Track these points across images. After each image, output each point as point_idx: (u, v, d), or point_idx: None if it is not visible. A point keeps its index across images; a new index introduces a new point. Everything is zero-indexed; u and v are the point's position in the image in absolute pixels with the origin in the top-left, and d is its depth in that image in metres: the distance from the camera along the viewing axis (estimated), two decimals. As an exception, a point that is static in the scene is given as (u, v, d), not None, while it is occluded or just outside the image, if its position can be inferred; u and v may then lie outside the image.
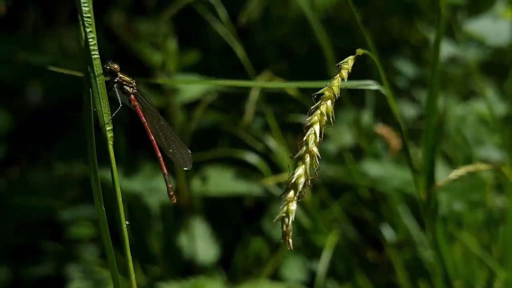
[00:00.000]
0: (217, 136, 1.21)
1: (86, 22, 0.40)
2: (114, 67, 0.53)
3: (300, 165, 0.45)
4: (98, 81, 0.42)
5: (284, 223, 0.44)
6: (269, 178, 1.08)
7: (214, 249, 1.28)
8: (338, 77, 0.51)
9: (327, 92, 0.49)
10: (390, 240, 1.21)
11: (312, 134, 0.46)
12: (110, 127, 0.43)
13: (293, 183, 0.44)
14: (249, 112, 1.04)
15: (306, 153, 0.45)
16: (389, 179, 1.08)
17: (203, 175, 1.22)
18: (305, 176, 0.45)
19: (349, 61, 0.53)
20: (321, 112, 0.47)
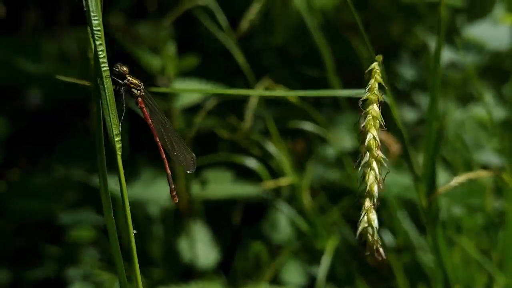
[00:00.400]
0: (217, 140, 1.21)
1: (96, 35, 0.41)
2: (122, 70, 0.53)
3: (368, 172, 0.44)
4: (108, 93, 0.42)
5: (368, 233, 0.43)
6: (269, 182, 1.08)
7: (214, 253, 1.28)
8: (374, 82, 0.51)
9: (371, 96, 0.48)
10: (390, 245, 1.21)
11: (372, 139, 0.46)
12: (118, 138, 0.43)
13: (368, 191, 0.44)
14: (248, 118, 1.05)
15: (371, 158, 0.45)
16: (389, 185, 1.08)
17: (202, 179, 1.23)
18: (377, 182, 0.44)
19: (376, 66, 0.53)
20: (373, 116, 0.47)
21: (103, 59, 0.42)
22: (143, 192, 1.22)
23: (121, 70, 0.53)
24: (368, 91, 0.47)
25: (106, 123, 0.42)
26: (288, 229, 1.27)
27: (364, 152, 0.44)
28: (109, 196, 0.42)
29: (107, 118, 0.42)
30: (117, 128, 0.43)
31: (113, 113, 0.42)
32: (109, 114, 0.42)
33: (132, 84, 0.54)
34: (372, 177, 0.43)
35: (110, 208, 0.42)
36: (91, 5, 0.41)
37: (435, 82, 0.68)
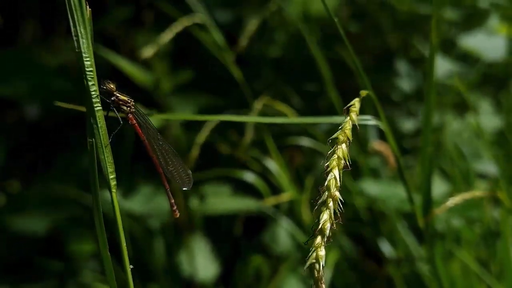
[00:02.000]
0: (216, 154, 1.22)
1: (88, 76, 0.41)
2: (110, 87, 0.53)
3: (324, 210, 0.46)
4: (101, 132, 0.42)
5: (315, 269, 0.44)
6: (269, 199, 1.08)
7: (214, 266, 1.28)
8: (349, 120, 0.52)
9: (341, 136, 0.50)
10: (389, 256, 1.21)
11: (332, 179, 0.47)
12: (113, 175, 0.43)
13: (320, 229, 0.45)
14: (248, 134, 1.05)
15: (329, 197, 0.46)
16: (387, 198, 1.08)
17: (201, 193, 1.23)
18: (330, 221, 0.46)
19: (356, 103, 0.55)
20: (338, 157, 0.49)
21: (96, 99, 0.42)
22: (143, 206, 1.23)
23: (108, 88, 0.53)
24: (340, 129, 0.49)
25: (101, 161, 0.43)
26: (288, 241, 1.27)
27: (323, 191, 0.46)
28: (104, 232, 0.42)
29: (101, 156, 0.42)
30: (111, 166, 0.43)
31: (107, 152, 0.43)
32: (103, 152, 0.42)
33: (121, 101, 0.54)
34: (327, 216, 0.45)
35: (106, 244, 0.43)
36: (83, 46, 0.41)
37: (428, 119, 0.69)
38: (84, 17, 0.41)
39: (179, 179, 0.59)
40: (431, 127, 0.71)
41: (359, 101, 0.56)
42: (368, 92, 0.59)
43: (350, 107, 0.55)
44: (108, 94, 0.52)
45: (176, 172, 0.59)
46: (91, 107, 0.42)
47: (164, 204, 1.21)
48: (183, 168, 0.59)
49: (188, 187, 0.60)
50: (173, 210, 0.58)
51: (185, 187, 0.60)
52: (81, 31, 0.41)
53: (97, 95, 0.42)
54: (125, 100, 0.54)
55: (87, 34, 0.41)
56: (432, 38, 0.69)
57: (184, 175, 0.60)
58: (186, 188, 0.60)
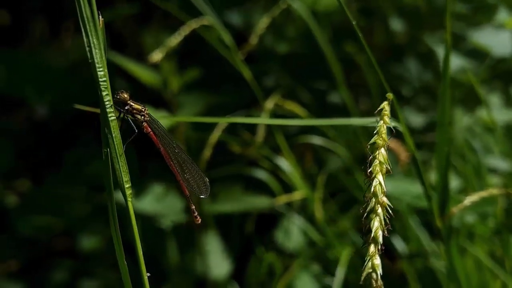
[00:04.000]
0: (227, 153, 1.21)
1: (102, 86, 0.41)
2: (123, 97, 0.53)
3: (374, 217, 0.46)
4: (116, 142, 0.42)
5: (372, 278, 0.44)
6: (281, 197, 1.08)
7: (226, 263, 1.29)
8: (383, 124, 0.51)
9: (379, 141, 0.49)
10: (402, 252, 1.21)
11: (378, 184, 0.47)
12: (128, 184, 0.43)
13: (372, 237, 0.45)
14: (260, 133, 1.05)
15: (377, 204, 0.46)
16: (400, 195, 1.08)
17: (213, 192, 1.23)
18: (381, 228, 0.45)
19: (385, 106, 0.54)
20: (380, 162, 0.48)
21: (110, 109, 0.42)
22: (155, 206, 1.23)
23: (122, 97, 0.52)
24: (376, 134, 0.48)
25: (116, 171, 0.42)
26: (301, 238, 1.27)
27: (370, 198, 0.45)
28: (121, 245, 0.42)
29: (116, 166, 0.42)
30: (126, 175, 0.43)
31: (122, 161, 0.43)
32: (118, 162, 0.42)
33: (134, 110, 0.54)
34: (377, 223, 0.44)
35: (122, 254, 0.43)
36: (96, 56, 0.41)
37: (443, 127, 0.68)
38: (97, 27, 0.40)
39: (196, 187, 0.59)
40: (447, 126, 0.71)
41: (388, 104, 0.55)
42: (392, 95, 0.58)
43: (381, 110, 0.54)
44: (122, 104, 0.52)
45: (193, 180, 0.59)
46: (105, 117, 0.42)
47: (176, 204, 1.21)
48: (200, 176, 0.59)
49: (205, 195, 0.60)
50: (194, 216, 0.58)
51: (202, 195, 0.60)
52: (93, 41, 0.40)
53: (111, 105, 0.42)
54: (139, 109, 0.54)
55: (100, 44, 0.41)
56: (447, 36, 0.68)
57: (201, 182, 0.59)
58: (203, 196, 0.60)
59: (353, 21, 0.59)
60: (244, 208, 1.22)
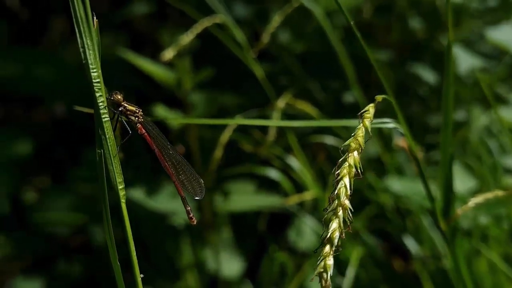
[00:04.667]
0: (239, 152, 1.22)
1: (95, 87, 0.41)
2: (117, 98, 0.53)
3: (333, 219, 0.45)
4: (110, 143, 0.42)
5: (322, 278, 0.44)
6: (292, 197, 1.08)
7: (239, 262, 1.29)
8: (362, 127, 0.51)
9: (353, 144, 0.49)
10: (415, 253, 1.20)
11: (342, 187, 0.47)
12: (122, 185, 0.43)
13: (328, 237, 0.45)
14: (271, 133, 1.05)
15: (338, 206, 0.46)
16: (411, 195, 1.07)
17: (225, 191, 1.23)
18: (339, 230, 0.45)
19: (370, 109, 0.54)
20: (349, 164, 0.48)
21: (103, 110, 0.42)
22: (167, 204, 1.23)
23: (115, 98, 0.53)
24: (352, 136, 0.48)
25: (110, 172, 0.43)
26: (313, 238, 1.27)
27: (333, 199, 0.45)
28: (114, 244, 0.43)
29: (110, 167, 0.42)
30: (120, 176, 0.43)
31: (116, 162, 0.43)
32: (112, 163, 0.42)
33: (128, 111, 0.54)
34: (336, 225, 0.44)
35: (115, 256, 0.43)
36: (89, 57, 0.41)
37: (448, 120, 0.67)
38: (91, 28, 0.41)
39: (191, 189, 0.59)
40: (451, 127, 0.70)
41: (374, 106, 0.55)
42: (384, 97, 0.58)
43: (364, 113, 0.54)
44: (116, 105, 0.53)
45: (188, 182, 0.59)
46: (98, 118, 0.42)
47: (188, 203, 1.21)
48: (195, 178, 0.59)
49: (200, 196, 0.60)
50: (189, 217, 0.58)
51: (197, 197, 0.60)
52: (87, 42, 0.41)
53: (104, 106, 0.42)
54: (133, 110, 0.54)
55: (94, 45, 0.41)
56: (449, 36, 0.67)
57: (196, 184, 0.60)
58: (198, 198, 0.60)
59: (351, 20, 0.58)
60: (256, 207, 1.22)
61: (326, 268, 0.43)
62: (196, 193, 0.60)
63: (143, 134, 0.56)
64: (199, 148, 1.19)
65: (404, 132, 0.64)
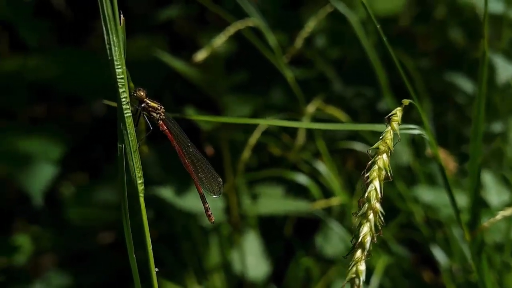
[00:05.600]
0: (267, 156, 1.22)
1: (119, 83, 0.42)
2: (140, 94, 0.54)
3: (364, 223, 0.45)
4: (130, 138, 0.43)
5: (354, 284, 0.43)
6: (319, 202, 1.08)
7: (265, 265, 1.29)
8: (390, 130, 0.51)
9: (382, 147, 0.49)
10: (445, 264, 1.18)
11: (373, 190, 0.46)
12: (141, 180, 0.44)
13: (359, 242, 0.44)
14: (300, 137, 1.05)
15: (369, 209, 0.45)
16: (441, 206, 1.05)
17: (253, 193, 1.24)
18: (371, 234, 0.45)
19: (397, 112, 0.53)
20: (379, 167, 0.47)
21: (126, 106, 0.43)
22: (197, 204, 1.24)
23: (138, 95, 0.54)
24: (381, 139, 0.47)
25: (129, 167, 0.44)
26: (340, 245, 1.26)
27: (363, 203, 0.44)
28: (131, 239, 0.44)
29: (130, 162, 0.43)
30: (139, 171, 0.44)
31: (136, 157, 0.44)
32: (132, 158, 0.43)
33: (150, 108, 0.55)
34: (367, 229, 0.43)
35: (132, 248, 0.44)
36: (115, 54, 0.42)
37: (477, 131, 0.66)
38: (117, 26, 0.42)
39: (209, 186, 0.60)
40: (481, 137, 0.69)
41: (401, 110, 0.55)
42: (410, 101, 0.58)
43: (391, 116, 0.54)
44: (139, 101, 0.54)
45: (206, 180, 0.60)
46: (121, 113, 0.43)
47: (217, 203, 1.22)
48: (213, 176, 0.60)
49: (217, 194, 0.61)
50: (207, 215, 0.59)
51: (215, 195, 0.61)
52: (113, 39, 0.42)
53: (127, 101, 0.43)
54: (155, 107, 0.55)
55: (119, 43, 0.42)
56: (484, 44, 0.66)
57: (214, 182, 0.60)
58: (215, 196, 0.61)
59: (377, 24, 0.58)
60: (284, 211, 1.22)
61: (358, 274, 0.43)
62: (214, 191, 0.61)
63: (164, 131, 0.57)
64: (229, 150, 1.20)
65: (429, 139, 0.63)
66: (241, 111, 1.22)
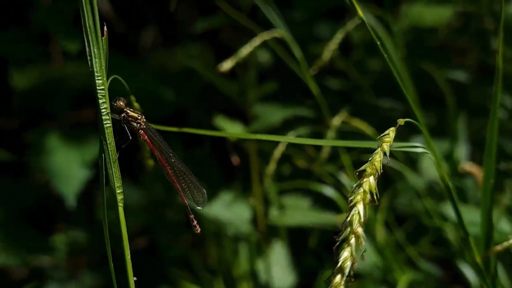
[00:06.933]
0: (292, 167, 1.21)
1: (99, 94, 0.43)
2: (119, 104, 0.54)
3: (345, 247, 0.43)
4: (110, 148, 0.44)
5: None
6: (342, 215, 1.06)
7: (291, 276, 1.28)
8: (380, 151, 0.49)
9: (368, 169, 0.47)
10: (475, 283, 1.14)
11: (356, 214, 0.45)
12: (120, 190, 0.45)
13: (339, 267, 0.43)
14: (325, 150, 1.04)
15: (350, 234, 0.44)
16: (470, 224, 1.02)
17: (280, 204, 1.23)
18: (351, 259, 0.43)
19: (390, 133, 0.52)
20: (364, 190, 0.46)
21: (106, 117, 0.44)
22: (223, 213, 1.25)
23: (118, 105, 0.54)
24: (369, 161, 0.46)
25: (109, 176, 0.44)
26: (367, 258, 1.24)
27: (345, 227, 0.43)
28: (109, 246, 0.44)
29: (110, 171, 0.44)
30: (119, 181, 0.45)
31: (115, 167, 0.44)
32: (111, 168, 0.44)
33: (130, 118, 0.55)
34: (347, 253, 0.42)
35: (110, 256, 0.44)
36: (95, 66, 0.43)
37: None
38: (98, 38, 0.43)
39: (191, 197, 0.60)
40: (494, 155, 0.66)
41: (394, 130, 0.53)
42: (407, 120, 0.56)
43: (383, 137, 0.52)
44: (118, 111, 0.54)
45: (189, 190, 0.59)
46: (101, 124, 0.44)
47: (243, 213, 1.22)
48: (196, 187, 0.60)
49: (202, 206, 0.61)
50: (193, 226, 0.58)
51: (199, 206, 0.60)
52: (94, 51, 0.43)
53: (107, 112, 0.44)
54: (135, 117, 0.55)
55: (100, 54, 0.43)
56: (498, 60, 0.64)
57: (197, 193, 0.60)
58: (200, 207, 0.60)
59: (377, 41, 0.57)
60: (310, 223, 1.21)
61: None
62: (197, 202, 0.61)
63: (145, 140, 0.57)
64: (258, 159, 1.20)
65: (434, 158, 0.61)
66: (270, 122, 1.22)
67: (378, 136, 0.48)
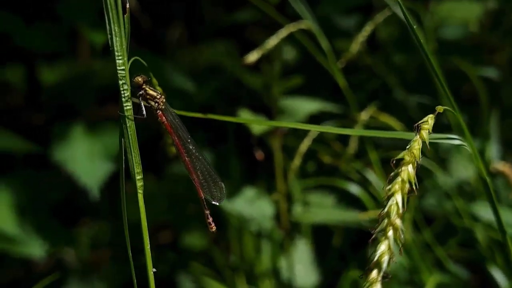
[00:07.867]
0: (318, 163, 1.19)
1: (120, 74, 0.41)
2: (138, 80, 0.50)
3: (382, 240, 0.41)
4: (130, 132, 0.42)
5: None
6: (367, 213, 1.04)
7: (314, 274, 1.26)
8: (419, 139, 0.47)
9: (407, 157, 0.45)
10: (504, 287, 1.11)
11: (394, 204, 0.42)
12: (140, 176, 0.43)
13: (375, 261, 0.40)
14: (352, 145, 1.01)
15: (388, 226, 0.41)
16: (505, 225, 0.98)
17: (304, 201, 1.21)
18: (389, 253, 0.41)
19: (429, 120, 0.49)
20: (403, 180, 0.43)
21: (127, 98, 0.42)
22: (246, 209, 1.23)
23: (136, 81, 0.50)
24: (407, 149, 0.43)
25: (129, 161, 0.43)
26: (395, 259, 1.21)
27: (382, 218, 0.40)
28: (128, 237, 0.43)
29: (129, 156, 0.42)
30: (139, 167, 0.43)
31: (135, 152, 0.43)
32: (131, 152, 0.42)
33: (148, 95, 0.52)
34: (385, 247, 0.39)
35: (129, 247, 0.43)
36: (116, 44, 0.41)
37: None
38: (119, 16, 0.41)
39: (208, 190, 0.56)
40: None
41: (433, 118, 0.50)
42: (446, 108, 0.53)
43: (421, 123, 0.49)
44: (137, 88, 0.51)
45: (206, 184, 0.56)
46: (121, 106, 0.42)
47: (266, 209, 1.20)
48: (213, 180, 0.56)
49: (218, 201, 0.57)
50: (208, 223, 0.55)
51: (215, 202, 0.56)
52: (115, 29, 0.41)
53: (128, 94, 0.42)
54: (153, 95, 0.52)
55: (121, 32, 0.41)
56: None
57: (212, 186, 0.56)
58: (215, 203, 0.56)
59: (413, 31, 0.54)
60: (335, 221, 1.18)
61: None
62: (214, 197, 0.57)
63: (163, 122, 0.53)
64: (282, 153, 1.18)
65: (471, 151, 0.58)
66: (295, 117, 1.19)
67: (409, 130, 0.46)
